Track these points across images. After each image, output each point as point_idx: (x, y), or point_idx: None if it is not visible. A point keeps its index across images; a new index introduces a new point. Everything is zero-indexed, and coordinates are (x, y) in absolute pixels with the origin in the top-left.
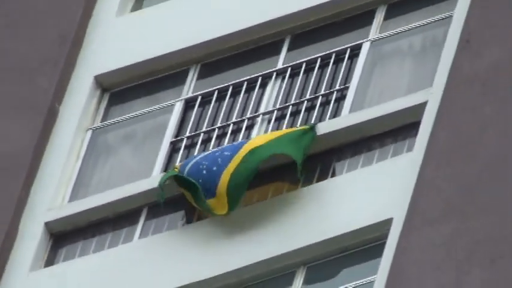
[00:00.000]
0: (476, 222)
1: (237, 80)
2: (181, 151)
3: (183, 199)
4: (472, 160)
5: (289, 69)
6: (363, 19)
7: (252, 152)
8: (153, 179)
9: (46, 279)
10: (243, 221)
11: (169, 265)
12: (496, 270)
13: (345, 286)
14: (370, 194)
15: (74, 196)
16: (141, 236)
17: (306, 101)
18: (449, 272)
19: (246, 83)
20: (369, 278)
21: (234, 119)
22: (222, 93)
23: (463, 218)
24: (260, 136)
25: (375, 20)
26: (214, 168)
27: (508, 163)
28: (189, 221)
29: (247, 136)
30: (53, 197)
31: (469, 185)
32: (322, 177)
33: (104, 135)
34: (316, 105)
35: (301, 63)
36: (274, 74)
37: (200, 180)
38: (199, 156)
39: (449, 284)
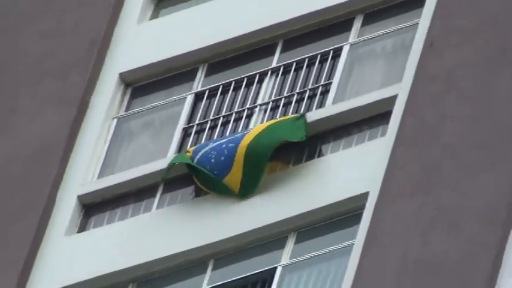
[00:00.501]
0: (437, 196)
1: (238, 77)
2: (191, 136)
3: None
4: (434, 144)
5: (282, 68)
6: (344, 26)
7: (258, 136)
8: (168, 159)
9: (78, 243)
10: (242, 197)
11: (182, 231)
12: (454, 235)
13: (330, 248)
14: (350, 171)
15: (102, 173)
16: (158, 207)
17: (296, 94)
18: (416, 236)
19: (246, 79)
20: (348, 242)
21: (236, 109)
22: (225, 87)
23: (427, 193)
24: (258, 126)
25: (353, 27)
26: (222, 158)
27: (464, 146)
28: (197, 194)
29: (247, 123)
30: (84, 174)
31: (432, 165)
32: (310, 157)
33: (127, 122)
34: (304, 97)
35: (292, 62)
36: (270, 71)
37: (208, 167)
38: (209, 147)
39: (416, 246)
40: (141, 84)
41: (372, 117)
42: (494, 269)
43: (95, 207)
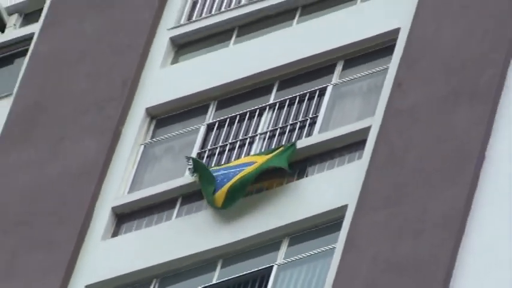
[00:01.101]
0: (404, 208)
1: (242, 111)
2: (204, 159)
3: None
4: (401, 166)
5: (277, 104)
6: (328, 70)
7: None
8: (185, 178)
9: (112, 246)
10: (247, 207)
11: (196, 235)
12: (417, 240)
13: (316, 251)
14: (333, 188)
15: (132, 189)
16: (177, 216)
17: (289, 125)
18: (386, 241)
19: (248, 113)
20: (331, 246)
21: (240, 137)
22: (232, 120)
23: (395, 206)
24: (257, 157)
25: (335, 71)
26: (225, 180)
27: (426, 168)
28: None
29: (250, 149)
30: (117, 190)
31: (400, 183)
32: (300, 176)
33: (152, 148)
34: (296, 128)
35: (286, 99)
36: (267, 107)
37: (214, 186)
38: (218, 173)
39: (386, 249)
40: (164, 117)
41: (350, 144)
42: (450, 269)
43: (126, 217)
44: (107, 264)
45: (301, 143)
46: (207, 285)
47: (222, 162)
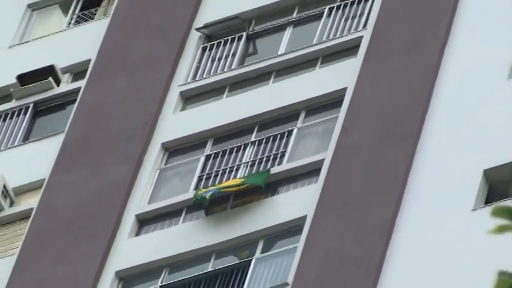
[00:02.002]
0: (347, 217)
1: (232, 146)
2: (203, 180)
3: (203, 206)
4: (347, 188)
5: (257, 142)
6: (293, 116)
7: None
8: (189, 194)
9: (135, 243)
10: (234, 215)
11: (196, 236)
12: (359, 243)
13: (283, 248)
14: (296, 203)
15: (150, 202)
16: (182, 222)
17: (265, 156)
18: (335, 242)
19: (236, 147)
20: (294, 245)
21: (230, 165)
22: (224, 152)
23: (341, 216)
24: (242, 180)
25: (299, 118)
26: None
27: (365, 189)
28: (206, 215)
29: (236, 174)
30: (139, 202)
31: (346, 200)
32: (273, 194)
33: (165, 172)
34: (270, 158)
35: (263, 138)
36: (250, 143)
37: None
38: (212, 192)
39: (334, 248)
40: (174, 149)
41: (310, 171)
42: (381, 263)
43: (146, 222)
44: (131, 256)
45: (274, 170)
46: (203, 272)
47: (216, 183)
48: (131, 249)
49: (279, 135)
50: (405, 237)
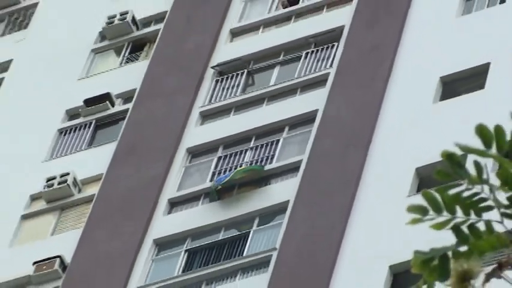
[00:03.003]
0: (310, 215)
1: (235, 151)
2: (216, 175)
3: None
4: (320, 180)
5: (254, 147)
6: (280, 130)
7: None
8: (207, 184)
9: (168, 219)
10: (238, 200)
11: (211, 214)
12: (314, 241)
13: (272, 223)
14: (282, 191)
15: (179, 189)
16: (201, 204)
17: (260, 158)
18: (311, 217)
19: (239, 152)
20: (280, 221)
21: (235, 164)
22: (231, 157)
23: (312, 202)
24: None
25: (284, 131)
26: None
27: (324, 199)
28: (219, 198)
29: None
30: (171, 190)
31: (314, 204)
32: (265, 185)
33: (189, 169)
34: (264, 159)
35: (258, 145)
36: (249, 148)
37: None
38: (219, 178)
39: (309, 222)
40: (195, 153)
41: (292, 169)
42: (342, 234)
43: (175, 204)
44: (165, 229)
45: (267, 167)
46: (216, 240)
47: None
48: (165, 224)
49: (270, 143)
50: (359, 215)
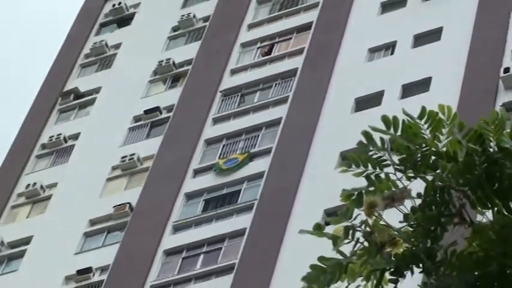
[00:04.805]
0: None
1: (233, 141)
2: (222, 155)
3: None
4: (280, 159)
5: (245, 139)
6: (259, 130)
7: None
8: (216, 160)
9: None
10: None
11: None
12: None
13: (254, 184)
14: (258, 166)
15: (200, 163)
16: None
17: (249, 146)
18: (273, 178)
19: (235, 142)
20: (258, 182)
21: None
22: (231, 145)
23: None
24: (240, 155)
25: (262, 130)
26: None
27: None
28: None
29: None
30: (195, 164)
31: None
32: (250, 161)
33: (206, 151)
34: (251, 148)
35: (249, 137)
36: (241, 140)
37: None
38: (227, 159)
39: (273, 183)
40: (210, 142)
41: (265, 153)
42: (293, 196)
43: (198, 172)
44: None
45: (252, 150)
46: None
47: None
48: (193, 179)
49: (255, 137)
50: (303, 193)
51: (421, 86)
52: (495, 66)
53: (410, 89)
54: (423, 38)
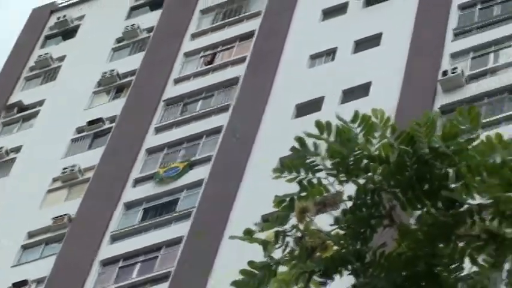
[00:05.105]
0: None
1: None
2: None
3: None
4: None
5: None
6: (217, 131)
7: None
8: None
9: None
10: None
11: None
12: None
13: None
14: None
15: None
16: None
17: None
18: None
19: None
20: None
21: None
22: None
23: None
24: (180, 163)
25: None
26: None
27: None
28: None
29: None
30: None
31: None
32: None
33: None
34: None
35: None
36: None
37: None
38: (168, 168)
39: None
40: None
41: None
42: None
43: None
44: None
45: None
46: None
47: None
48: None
49: (195, 145)
50: (242, 199)
51: (361, 91)
52: (433, 69)
53: (350, 94)
54: (363, 44)
